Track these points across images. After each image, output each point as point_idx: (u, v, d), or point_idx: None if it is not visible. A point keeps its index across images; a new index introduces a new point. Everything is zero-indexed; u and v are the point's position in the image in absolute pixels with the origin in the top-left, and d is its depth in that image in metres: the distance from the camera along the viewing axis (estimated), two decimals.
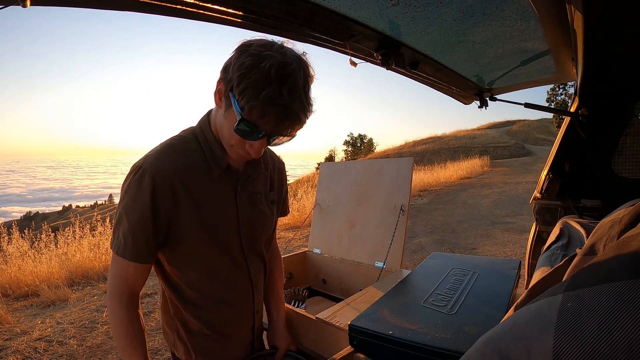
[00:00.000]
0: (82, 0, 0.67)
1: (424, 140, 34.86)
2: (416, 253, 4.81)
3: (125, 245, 0.75)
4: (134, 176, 0.74)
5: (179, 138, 0.83)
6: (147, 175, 0.73)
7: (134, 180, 0.74)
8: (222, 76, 0.70)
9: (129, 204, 0.74)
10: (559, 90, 24.44)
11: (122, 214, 0.75)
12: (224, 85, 0.69)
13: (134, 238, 0.75)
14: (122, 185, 0.77)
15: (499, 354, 0.34)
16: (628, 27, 0.94)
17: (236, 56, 0.67)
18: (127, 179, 0.75)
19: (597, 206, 1.61)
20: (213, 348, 0.89)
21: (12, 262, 4.09)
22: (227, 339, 0.90)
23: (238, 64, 0.65)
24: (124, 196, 0.75)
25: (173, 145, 0.80)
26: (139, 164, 0.75)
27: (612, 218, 0.61)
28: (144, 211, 0.74)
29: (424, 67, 1.35)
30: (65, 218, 7.19)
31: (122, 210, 0.75)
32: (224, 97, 0.70)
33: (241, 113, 0.66)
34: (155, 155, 0.76)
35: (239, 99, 0.65)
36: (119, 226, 0.76)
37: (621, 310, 0.26)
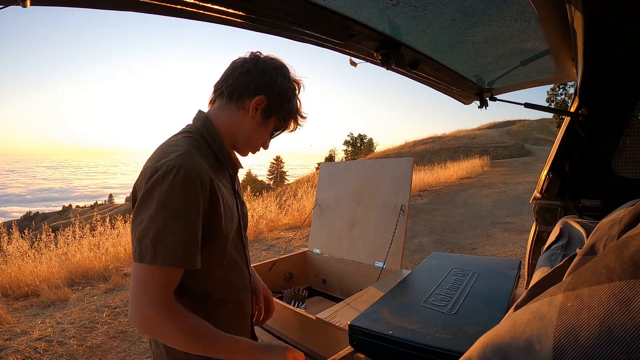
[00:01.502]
0: (82, 0, 0.67)
1: (424, 140, 34.85)
2: (416, 253, 4.81)
3: (176, 252, 0.68)
4: (175, 177, 0.68)
5: (192, 138, 0.81)
6: (191, 173, 0.70)
7: (178, 180, 0.68)
8: (265, 93, 0.83)
9: (176, 206, 0.68)
10: (559, 90, 24.43)
11: (168, 218, 0.67)
12: (267, 101, 0.84)
13: (186, 241, 0.69)
14: (150, 189, 0.68)
15: (499, 354, 0.34)
16: (628, 28, 0.94)
17: (276, 78, 0.84)
18: (162, 180, 0.68)
19: (597, 206, 1.61)
20: None
21: (12, 262, 4.09)
22: (243, 330, 0.91)
23: (279, 89, 0.85)
24: (164, 199, 0.67)
25: (195, 145, 0.79)
26: (175, 164, 0.69)
27: (612, 218, 0.61)
28: (195, 211, 0.70)
29: (424, 67, 1.35)
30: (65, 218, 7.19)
31: (165, 215, 0.67)
32: (263, 111, 0.85)
33: (284, 122, 0.89)
34: (187, 154, 0.73)
35: (283, 112, 0.87)
36: (163, 233, 0.67)
37: (621, 310, 0.26)
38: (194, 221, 0.70)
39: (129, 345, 2.64)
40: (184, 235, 0.69)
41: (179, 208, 0.68)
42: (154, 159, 0.74)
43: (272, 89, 0.83)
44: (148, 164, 0.74)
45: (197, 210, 0.71)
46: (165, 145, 0.78)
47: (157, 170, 0.69)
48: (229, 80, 0.84)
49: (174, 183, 0.68)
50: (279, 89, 0.84)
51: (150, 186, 0.69)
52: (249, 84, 0.82)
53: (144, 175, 0.72)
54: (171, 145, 0.77)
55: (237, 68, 0.84)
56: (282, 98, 0.85)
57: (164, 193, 0.68)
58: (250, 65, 0.83)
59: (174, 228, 0.68)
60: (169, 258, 0.67)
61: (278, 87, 0.84)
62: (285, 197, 8.69)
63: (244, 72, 0.83)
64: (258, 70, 0.82)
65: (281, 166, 47.91)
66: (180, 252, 0.68)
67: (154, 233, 0.67)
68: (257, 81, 0.82)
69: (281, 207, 7.61)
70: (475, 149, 25.64)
